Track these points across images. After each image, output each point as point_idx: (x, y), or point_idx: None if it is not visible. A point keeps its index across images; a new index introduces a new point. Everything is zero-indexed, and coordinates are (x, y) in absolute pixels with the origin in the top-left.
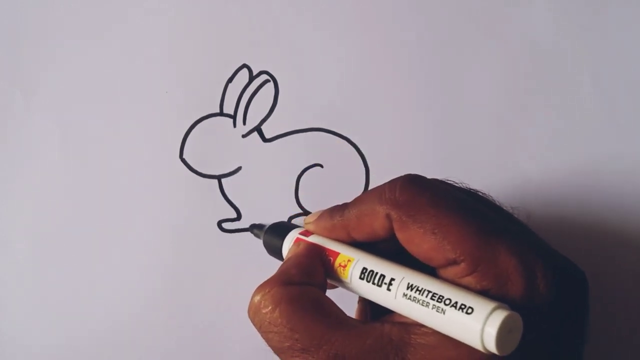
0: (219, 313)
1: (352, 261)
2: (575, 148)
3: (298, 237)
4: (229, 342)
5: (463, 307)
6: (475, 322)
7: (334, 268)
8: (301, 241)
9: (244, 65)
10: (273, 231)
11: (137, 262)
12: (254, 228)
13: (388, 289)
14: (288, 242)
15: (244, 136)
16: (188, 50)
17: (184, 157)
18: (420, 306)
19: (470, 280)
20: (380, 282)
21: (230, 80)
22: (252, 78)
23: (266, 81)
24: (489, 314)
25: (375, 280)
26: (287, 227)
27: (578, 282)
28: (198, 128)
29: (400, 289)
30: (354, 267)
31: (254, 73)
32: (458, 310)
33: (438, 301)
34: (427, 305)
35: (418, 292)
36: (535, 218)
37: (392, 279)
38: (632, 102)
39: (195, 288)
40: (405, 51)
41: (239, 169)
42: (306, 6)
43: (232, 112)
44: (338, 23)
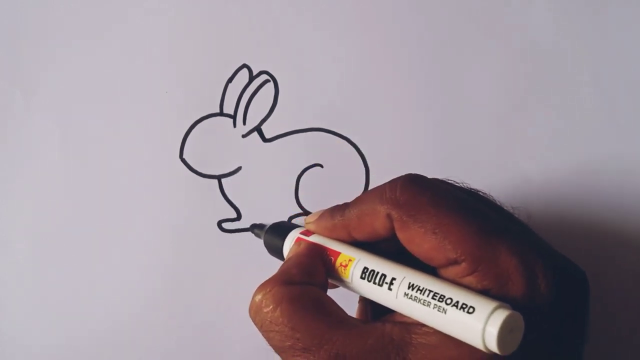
0: (219, 313)
1: (353, 261)
2: (575, 148)
3: (299, 237)
4: (229, 342)
5: (464, 307)
6: (476, 322)
7: (335, 268)
8: (302, 241)
9: (244, 65)
10: (274, 231)
11: (137, 262)
12: (255, 228)
13: (389, 289)
14: (289, 242)
15: (244, 136)
16: (188, 50)
17: (184, 157)
18: (421, 306)
19: (471, 280)
20: (381, 282)
21: (230, 80)
22: (252, 78)
23: (266, 81)
24: (490, 314)
25: (376, 279)
26: (288, 227)
27: (579, 282)
28: (198, 128)
29: (401, 289)
30: (355, 267)
31: (254, 73)
32: (459, 309)
33: (439, 301)
34: (429, 304)
35: (419, 292)
36: (535, 218)
37: (393, 279)
38: (632, 102)
39: (195, 288)
40: (405, 51)
41: (239, 169)
42: (306, 6)
43: (232, 112)
44: (338, 23)
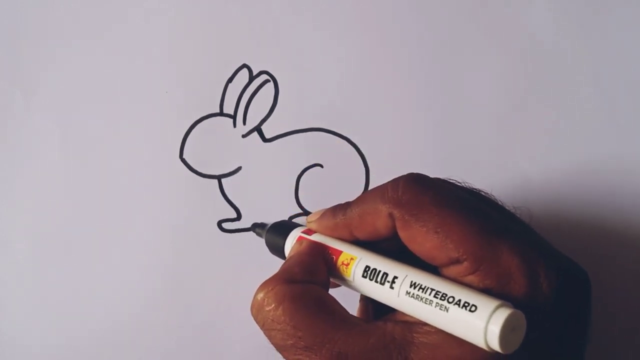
0: (219, 313)
1: (355, 259)
2: (575, 148)
3: (300, 236)
4: (229, 342)
5: (466, 305)
6: (478, 320)
7: (337, 266)
8: (304, 240)
9: (244, 65)
10: (275, 230)
11: (137, 262)
12: (256, 227)
13: (391, 287)
14: (290, 241)
15: (244, 136)
16: (188, 50)
17: (184, 157)
18: (423, 304)
19: (472, 279)
20: (383, 280)
21: (230, 80)
22: (252, 78)
23: (266, 81)
24: (493, 312)
25: (378, 278)
26: (290, 226)
27: (580, 282)
28: (198, 128)
29: (403, 287)
30: (357, 266)
31: (254, 73)
32: (461, 308)
33: (441, 299)
34: (431, 303)
35: (421, 290)
36: (536, 218)
37: (395, 277)
38: (632, 102)
39: (195, 288)
40: (405, 51)
41: (239, 169)
42: (306, 6)
43: (232, 112)
44: (338, 23)
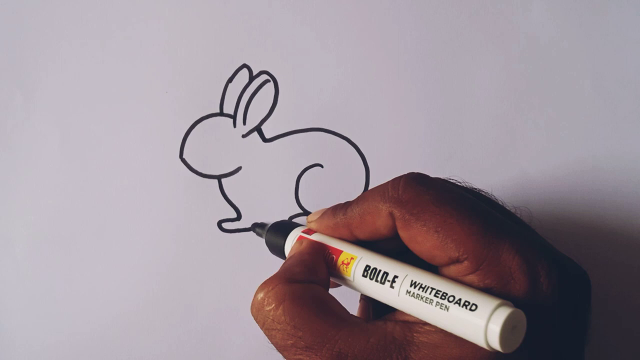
0: (220, 313)
1: (355, 259)
2: (575, 148)
3: (301, 235)
4: (229, 342)
5: (467, 304)
6: (479, 319)
7: (337, 266)
8: (304, 239)
9: (244, 65)
10: (275, 229)
11: (137, 262)
12: (256, 227)
13: (391, 287)
14: (291, 241)
15: (244, 136)
16: (188, 50)
17: (184, 157)
18: (423, 303)
19: (473, 278)
20: (383, 280)
21: (230, 80)
22: (252, 78)
23: (266, 81)
24: (493, 311)
25: (378, 277)
26: (290, 226)
27: (580, 282)
28: (198, 128)
29: (403, 286)
30: (357, 265)
31: (254, 73)
32: (462, 307)
33: (442, 298)
34: (431, 302)
35: (421, 289)
36: (536, 218)
37: (396, 277)
38: (632, 102)
39: (195, 288)
40: (405, 51)
41: (239, 169)
42: (306, 6)
43: (232, 112)
44: (338, 23)
